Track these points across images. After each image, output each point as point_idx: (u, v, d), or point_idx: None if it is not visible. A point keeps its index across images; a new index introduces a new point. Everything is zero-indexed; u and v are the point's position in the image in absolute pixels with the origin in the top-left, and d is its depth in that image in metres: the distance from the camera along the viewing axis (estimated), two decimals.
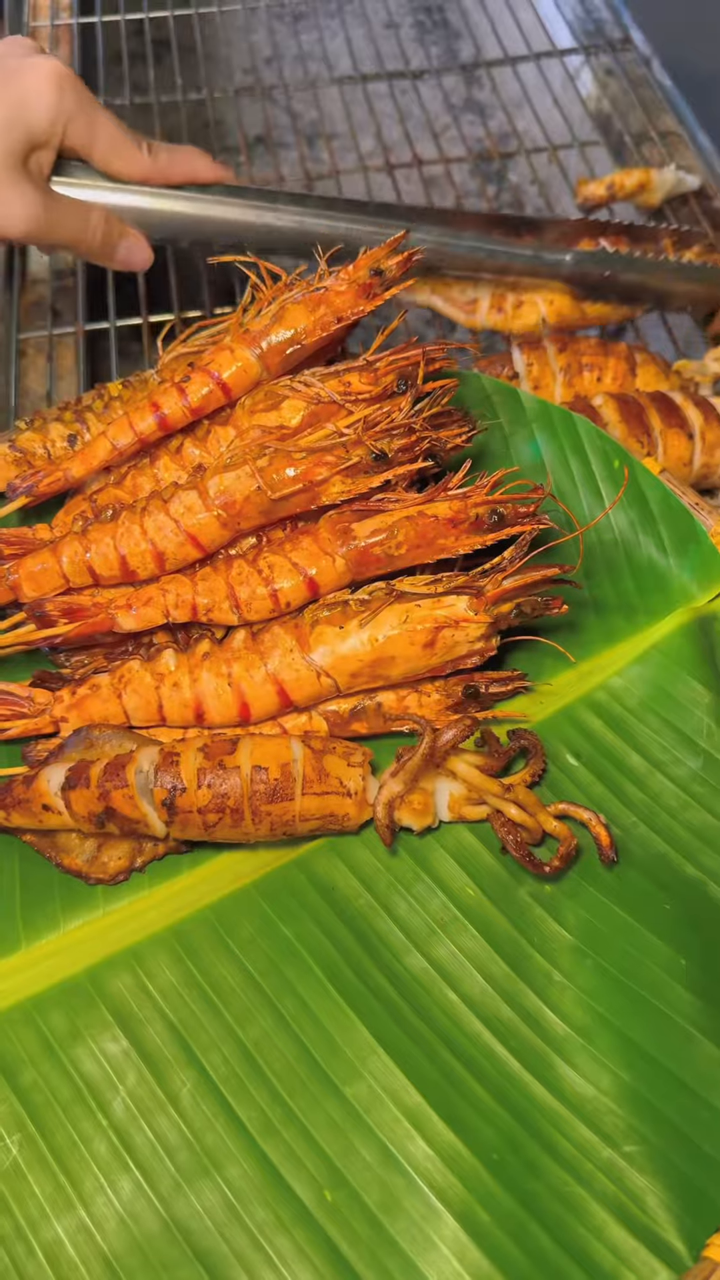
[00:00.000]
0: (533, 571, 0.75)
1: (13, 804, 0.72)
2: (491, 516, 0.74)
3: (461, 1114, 0.67)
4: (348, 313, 0.82)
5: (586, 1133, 0.66)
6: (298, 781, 0.70)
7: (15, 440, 0.87)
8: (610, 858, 0.73)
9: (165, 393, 0.82)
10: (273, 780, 0.70)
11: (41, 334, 1.24)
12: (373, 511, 0.75)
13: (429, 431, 0.77)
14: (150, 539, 0.77)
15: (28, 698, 0.78)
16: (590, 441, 0.94)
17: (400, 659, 0.74)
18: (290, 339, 0.81)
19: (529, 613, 0.75)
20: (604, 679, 0.84)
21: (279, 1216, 0.64)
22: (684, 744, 0.81)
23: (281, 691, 0.74)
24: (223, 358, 0.82)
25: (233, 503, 0.76)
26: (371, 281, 0.82)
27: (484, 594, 0.73)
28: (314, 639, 0.74)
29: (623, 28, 1.65)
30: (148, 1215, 0.64)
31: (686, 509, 0.90)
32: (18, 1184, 0.65)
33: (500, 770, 0.75)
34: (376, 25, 1.75)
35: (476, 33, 1.73)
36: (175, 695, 0.74)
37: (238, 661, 0.74)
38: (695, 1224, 0.63)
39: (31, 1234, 0.64)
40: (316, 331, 0.81)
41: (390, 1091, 0.68)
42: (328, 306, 0.81)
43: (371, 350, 0.83)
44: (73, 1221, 0.64)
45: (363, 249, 0.83)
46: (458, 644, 0.74)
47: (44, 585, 0.80)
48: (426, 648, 0.73)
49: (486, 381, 0.98)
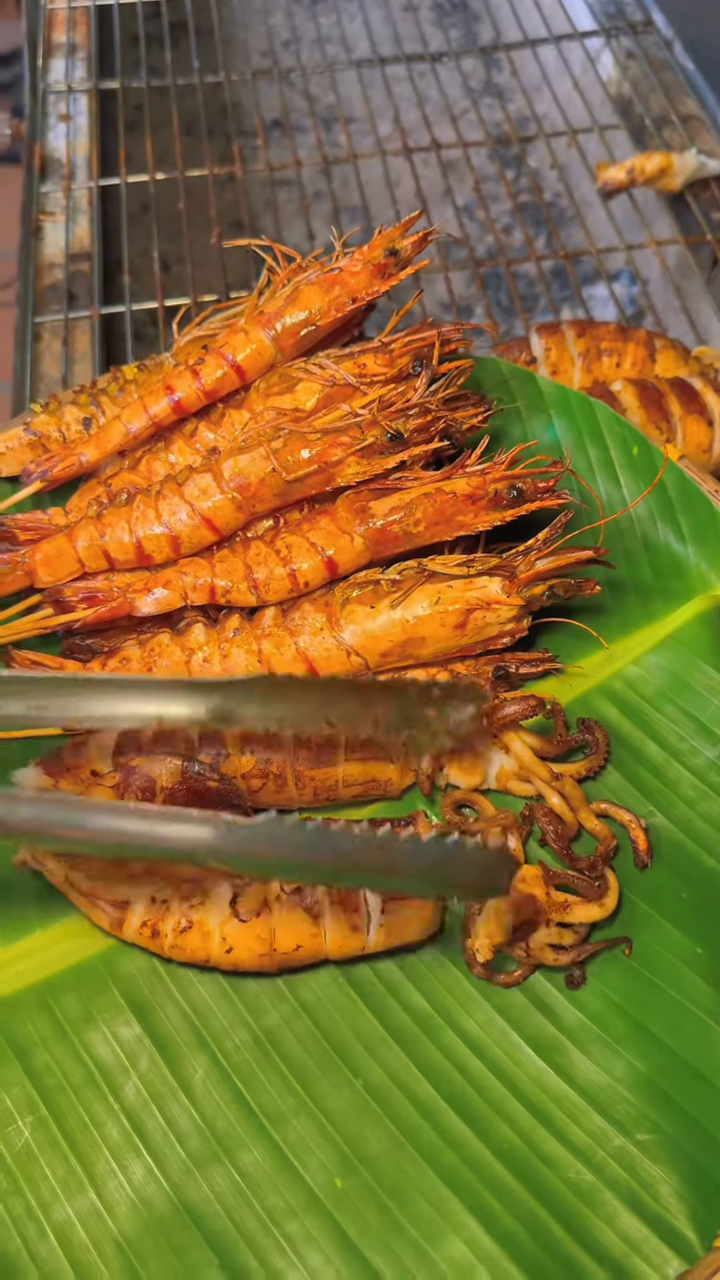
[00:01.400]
0: (567, 553, 0.74)
1: (61, 771, 0.72)
2: (511, 491, 0.73)
3: (472, 1103, 0.67)
4: (362, 293, 0.81)
5: (599, 1120, 0.66)
6: (340, 748, 0.70)
7: (31, 424, 0.87)
8: (645, 861, 0.73)
9: (179, 375, 0.82)
10: (315, 746, 0.69)
11: (57, 318, 1.24)
12: (390, 490, 0.75)
13: (444, 411, 0.76)
14: (165, 522, 0.76)
15: (59, 669, 0.77)
16: (609, 427, 0.93)
17: (431, 639, 0.73)
18: (305, 320, 0.81)
19: (562, 594, 0.75)
20: (620, 667, 0.83)
21: (289, 1202, 0.64)
22: (701, 733, 0.80)
23: (311, 669, 0.73)
24: (237, 340, 0.81)
25: (247, 485, 0.76)
26: (387, 262, 0.81)
27: (517, 575, 0.73)
28: (344, 617, 0.73)
29: (644, 9, 1.63)
30: (159, 1199, 0.64)
31: (707, 496, 0.89)
32: (30, 1166, 0.66)
33: (560, 756, 0.75)
34: (395, 7, 1.74)
35: (496, 15, 1.72)
36: (205, 669, 0.74)
37: (267, 638, 0.74)
38: (708, 1214, 0.62)
39: (43, 1215, 0.64)
40: (331, 312, 0.80)
41: (401, 1083, 0.67)
42: (342, 287, 0.81)
43: (386, 331, 0.82)
44: (84, 1204, 0.64)
45: (378, 228, 0.83)
46: (489, 625, 0.73)
47: (59, 570, 0.80)
48: (458, 628, 0.73)
49: (504, 366, 0.97)
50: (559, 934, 0.68)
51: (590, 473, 0.92)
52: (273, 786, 0.69)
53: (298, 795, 0.70)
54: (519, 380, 0.96)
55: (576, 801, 0.72)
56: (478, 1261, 0.62)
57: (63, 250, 1.31)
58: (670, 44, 1.58)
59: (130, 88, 1.52)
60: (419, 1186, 0.64)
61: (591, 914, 0.68)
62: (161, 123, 1.46)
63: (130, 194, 1.40)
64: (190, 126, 1.48)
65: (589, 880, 0.69)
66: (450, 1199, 0.64)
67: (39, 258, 1.30)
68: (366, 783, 0.71)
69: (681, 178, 1.34)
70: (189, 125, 1.48)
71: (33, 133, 1.45)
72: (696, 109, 1.48)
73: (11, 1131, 0.67)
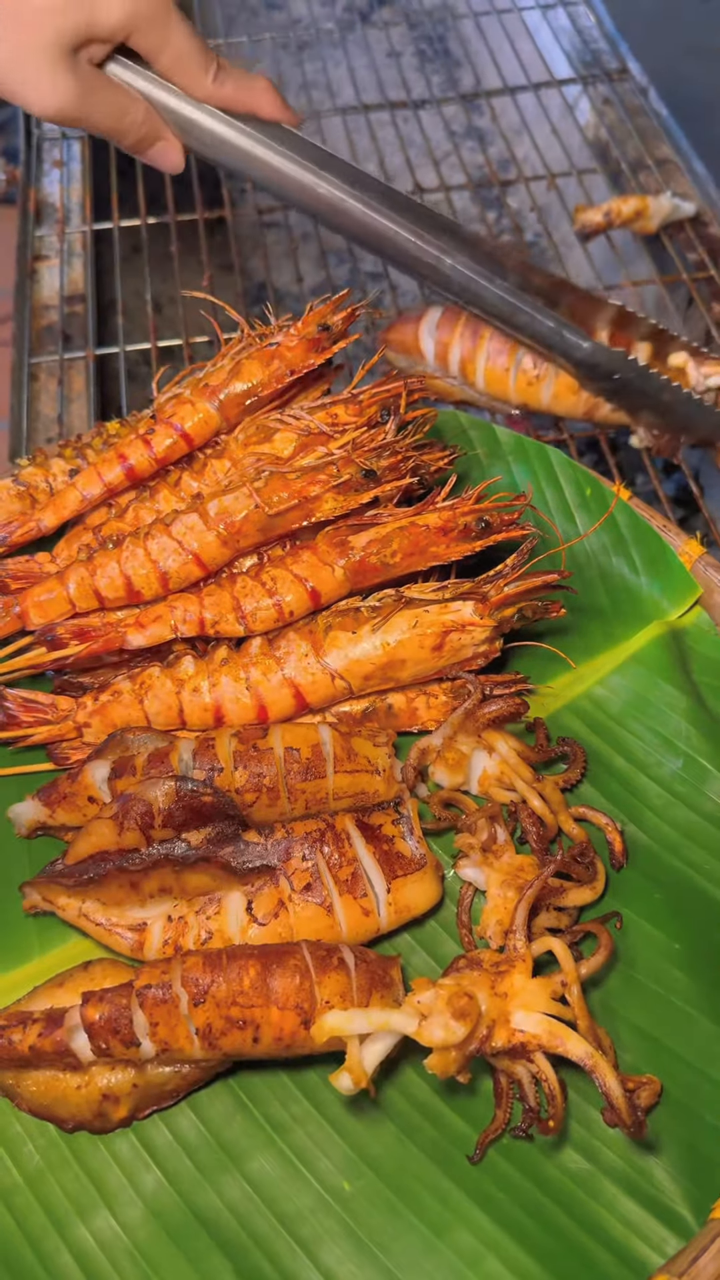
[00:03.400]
0: (533, 577, 0.80)
1: (58, 800, 0.75)
2: (479, 524, 0.79)
3: (470, 1100, 0.69)
4: (299, 365, 0.88)
5: (591, 1110, 0.69)
6: (329, 761, 0.73)
7: (19, 475, 0.91)
8: (621, 862, 0.77)
9: (131, 444, 0.87)
10: (305, 760, 0.73)
11: (53, 358, 1.29)
12: (368, 525, 0.80)
13: (412, 453, 0.82)
14: (154, 560, 0.81)
15: (51, 704, 0.81)
16: (563, 471, 1.00)
17: (410, 661, 0.78)
18: (247, 391, 0.87)
19: (530, 616, 0.80)
20: (588, 687, 0.88)
21: (299, 1207, 0.66)
22: (665, 746, 0.85)
23: (298, 694, 0.78)
24: (184, 410, 0.87)
25: (232, 522, 0.80)
26: (320, 336, 0.88)
27: (488, 599, 0.78)
28: (328, 643, 0.78)
29: (619, 58, 1.70)
30: (171, 1209, 0.66)
31: (656, 532, 0.95)
32: (43, 1186, 0.67)
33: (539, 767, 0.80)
34: (379, 54, 1.79)
35: (476, 62, 1.78)
36: (195, 699, 0.78)
37: (255, 666, 0.78)
38: (701, 1192, 0.65)
39: (59, 1232, 0.65)
40: (272, 384, 0.87)
41: (400, 1085, 0.70)
42: (280, 360, 0.87)
43: (353, 384, 0.88)
44: (98, 1218, 0.66)
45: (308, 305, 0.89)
46: (464, 646, 0.78)
47: (50, 612, 0.83)
48: (435, 650, 0.78)
49: (463, 418, 1.04)
50: (556, 917, 0.71)
51: (548, 512, 0.98)
52: (266, 800, 0.73)
53: (290, 808, 0.73)
54: (478, 430, 1.03)
55: (556, 805, 0.76)
56: (486, 1249, 0.64)
57: (58, 292, 1.37)
58: (645, 91, 1.64)
59: None
60: (424, 1182, 0.67)
61: (584, 896, 0.72)
62: (152, 168, 1.52)
63: (123, 237, 1.45)
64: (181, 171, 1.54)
65: (582, 865, 0.73)
66: (455, 1191, 0.66)
67: (34, 300, 1.35)
68: (356, 794, 0.74)
69: (657, 220, 1.39)
70: (182, 175, 1.54)
71: (28, 178, 1.50)
72: (671, 153, 1.54)
73: (24, 1154, 0.68)
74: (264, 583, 0.79)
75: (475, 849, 0.73)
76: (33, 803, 0.77)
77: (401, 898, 0.72)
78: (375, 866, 0.72)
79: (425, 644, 0.78)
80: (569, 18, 1.77)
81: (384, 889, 0.71)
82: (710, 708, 0.86)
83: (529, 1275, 0.63)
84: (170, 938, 0.70)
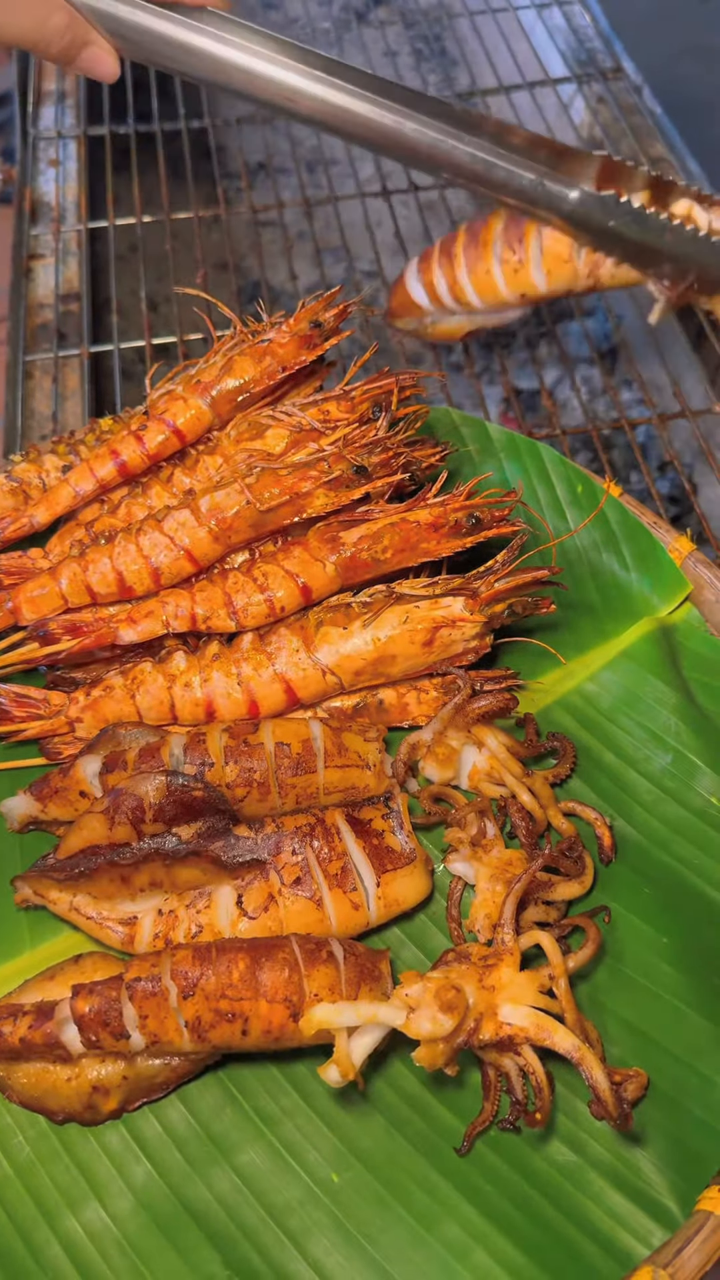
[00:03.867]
0: (523, 573, 0.80)
1: (49, 794, 0.75)
2: (470, 520, 0.79)
3: (458, 1093, 0.70)
4: (291, 362, 0.88)
5: (579, 1103, 0.69)
6: (319, 756, 0.74)
7: (12, 471, 0.91)
8: (610, 856, 0.78)
9: (124, 440, 0.88)
10: (295, 755, 0.73)
11: (47, 356, 1.29)
12: (359, 521, 0.80)
13: (404, 449, 0.83)
14: (146, 555, 0.81)
15: (43, 699, 0.81)
16: (554, 467, 1.00)
17: (401, 657, 0.79)
18: (239, 388, 0.88)
19: (520, 612, 0.81)
20: (578, 683, 0.89)
21: (288, 1199, 0.66)
22: (654, 741, 0.85)
23: (289, 689, 0.78)
24: (176, 406, 0.88)
25: (224, 518, 0.81)
26: (312, 334, 0.88)
27: (479, 595, 0.79)
28: (319, 639, 0.78)
29: (614, 57, 1.71)
30: (161, 1201, 0.66)
31: (646, 528, 0.96)
32: (33, 1177, 0.67)
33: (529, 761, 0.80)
34: (375, 53, 1.81)
35: (472, 61, 1.79)
36: (187, 694, 0.78)
37: (246, 661, 0.78)
38: (687, 1184, 0.66)
39: (49, 1223, 0.66)
40: (263, 380, 0.88)
41: (389, 1078, 0.70)
42: (272, 357, 0.88)
43: (346, 380, 0.89)
44: (88, 1210, 0.66)
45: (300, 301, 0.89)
46: (455, 642, 0.79)
47: (43, 607, 0.84)
48: (425, 646, 0.78)
49: (455, 414, 1.04)
50: (545, 911, 0.72)
51: (539, 509, 0.98)
52: (256, 795, 0.73)
53: (280, 803, 0.74)
54: (470, 426, 1.03)
55: (546, 799, 0.76)
56: (473, 1241, 0.64)
57: (53, 291, 1.37)
58: (640, 89, 1.65)
59: (118, 133, 1.58)
60: (412, 1175, 0.67)
61: (573, 891, 0.72)
62: (148, 167, 1.53)
63: (118, 236, 1.46)
64: (176, 170, 1.53)
65: (571, 859, 0.74)
66: (443, 1183, 0.66)
67: (30, 298, 1.36)
68: (346, 789, 0.75)
69: None
70: (175, 169, 1.53)
71: (23, 178, 1.51)
72: (665, 151, 1.55)
73: (14, 1146, 0.68)
74: (255, 578, 0.80)
75: (465, 843, 0.74)
76: (24, 797, 0.77)
77: (391, 892, 0.72)
78: (365, 861, 0.72)
79: (416, 639, 0.78)
80: (564, 17, 1.78)
81: (373, 883, 0.71)
82: (700, 704, 0.87)
83: (516, 1267, 0.63)
84: (160, 931, 0.71)
